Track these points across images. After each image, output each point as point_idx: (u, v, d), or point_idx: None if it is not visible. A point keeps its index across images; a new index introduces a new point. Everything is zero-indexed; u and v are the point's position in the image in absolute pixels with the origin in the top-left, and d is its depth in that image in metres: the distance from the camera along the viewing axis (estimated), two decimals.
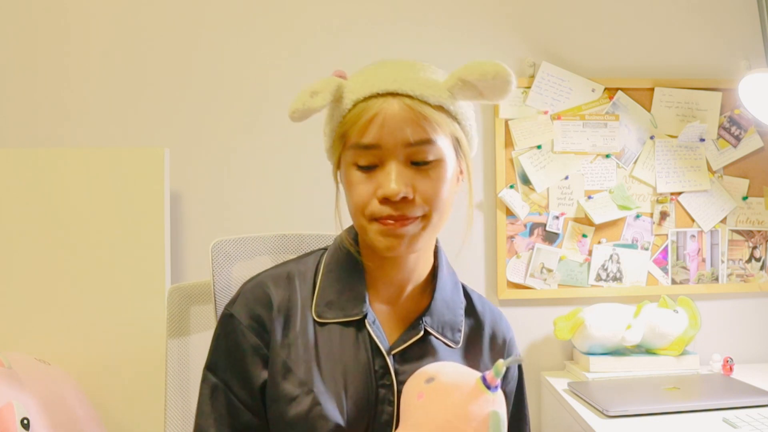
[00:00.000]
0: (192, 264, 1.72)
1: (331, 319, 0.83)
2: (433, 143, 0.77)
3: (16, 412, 1.17)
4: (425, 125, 0.77)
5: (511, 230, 1.79)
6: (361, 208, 0.79)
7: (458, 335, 0.88)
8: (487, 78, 0.77)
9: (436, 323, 0.86)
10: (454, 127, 0.81)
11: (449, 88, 0.79)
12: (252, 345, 0.82)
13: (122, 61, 1.72)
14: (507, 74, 0.77)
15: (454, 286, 0.92)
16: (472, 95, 0.80)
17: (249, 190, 1.74)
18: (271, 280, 0.86)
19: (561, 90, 1.79)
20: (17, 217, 1.54)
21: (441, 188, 0.80)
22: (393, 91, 0.77)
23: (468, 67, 0.78)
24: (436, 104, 0.78)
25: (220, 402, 0.82)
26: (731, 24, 1.84)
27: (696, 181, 1.82)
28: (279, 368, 0.80)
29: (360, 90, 0.78)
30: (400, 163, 0.77)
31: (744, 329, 1.84)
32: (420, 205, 0.78)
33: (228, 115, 1.74)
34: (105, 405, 1.50)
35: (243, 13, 1.75)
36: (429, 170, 0.78)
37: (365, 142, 0.77)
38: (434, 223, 0.81)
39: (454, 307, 0.89)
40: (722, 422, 1.30)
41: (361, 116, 0.77)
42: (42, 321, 1.53)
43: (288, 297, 0.84)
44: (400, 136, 0.76)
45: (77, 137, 1.71)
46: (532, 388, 1.80)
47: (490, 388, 0.73)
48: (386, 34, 1.77)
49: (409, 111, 0.76)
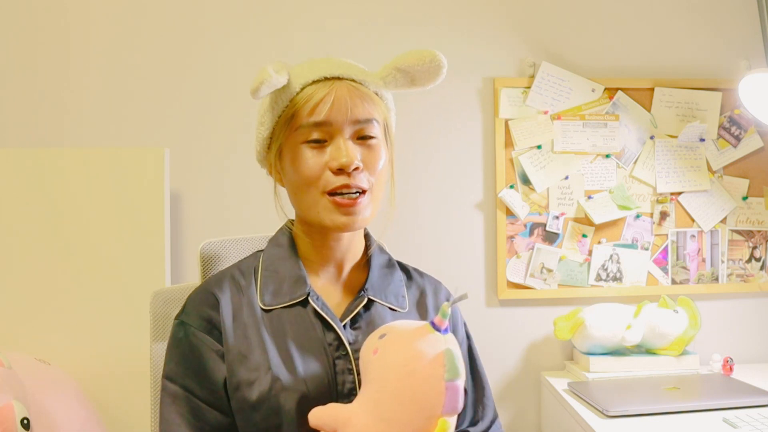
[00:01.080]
0: (192, 264, 1.72)
1: (277, 305, 0.87)
2: (375, 123, 0.86)
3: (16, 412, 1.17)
4: (368, 105, 0.86)
5: (511, 230, 1.79)
6: (313, 181, 0.84)
7: (403, 301, 0.93)
8: (425, 63, 0.86)
9: (378, 291, 0.91)
10: (386, 113, 0.90)
11: (383, 77, 0.89)
12: (206, 344, 0.85)
13: (122, 61, 1.72)
14: (441, 59, 0.86)
15: (388, 261, 0.97)
16: (403, 82, 0.89)
17: (249, 190, 1.73)
18: (214, 284, 0.90)
19: (561, 90, 1.79)
20: (17, 217, 1.54)
21: (380, 163, 0.87)
22: (339, 75, 0.86)
23: (403, 55, 0.87)
24: (373, 90, 0.88)
25: (183, 408, 0.83)
26: (731, 24, 1.84)
27: (696, 181, 1.82)
28: (234, 357, 0.83)
29: (308, 75, 0.86)
30: (346, 138, 0.84)
31: (744, 329, 1.84)
32: (366, 176, 0.85)
33: (228, 115, 1.74)
34: (105, 405, 1.50)
35: (242, 13, 1.75)
36: (371, 146, 0.86)
37: (317, 119, 0.83)
38: (376, 195, 0.88)
39: (392, 278, 0.95)
40: (722, 422, 1.30)
41: (313, 96, 0.84)
42: (42, 321, 1.53)
43: (233, 294, 0.89)
44: (348, 114, 0.84)
45: (77, 137, 1.71)
46: (532, 388, 1.80)
47: (439, 330, 0.75)
48: (386, 34, 1.77)
49: (355, 92, 0.85)
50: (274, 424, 0.81)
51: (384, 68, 0.89)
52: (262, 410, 0.81)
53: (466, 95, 1.79)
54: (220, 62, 1.74)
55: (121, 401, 1.52)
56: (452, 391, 0.70)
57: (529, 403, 1.80)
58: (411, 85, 0.89)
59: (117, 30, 1.72)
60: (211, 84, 1.73)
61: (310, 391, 0.81)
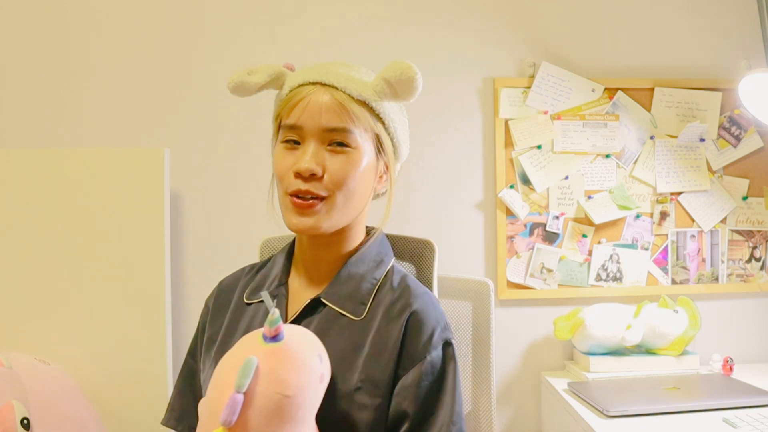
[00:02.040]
0: (192, 264, 1.72)
1: (254, 300, 0.95)
2: (349, 132, 0.85)
3: (16, 412, 1.17)
4: (342, 114, 0.85)
5: (511, 230, 1.79)
6: (281, 180, 0.88)
7: (361, 308, 0.88)
8: (399, 75, 0.84)
9: (335, 295, 0.90)
10: (374, 124, 0.88)
11: (374, 87, 0.87)
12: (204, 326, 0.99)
13: (122, 61, 1.72)
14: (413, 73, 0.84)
15: (374, 265, 0.93)
16: (391, 93, 0.87)
17: (249, 190, 1.73)
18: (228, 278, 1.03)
19: (561, 90, 1.79)
20: (17, 217, 1.54)
21: (350, 173, 0.86)
22: (321, 81, 0.86)
23: (387, 65, 0.86)
24: (358, 98, 0.86)
25: (185, 372, 0.99)
26: (731, 24, 1.84)
27: (696, 181, 1.82)
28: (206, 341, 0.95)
29: (295, 79, 0.89)
30: (317, 144, 0.85)
31: (744, 329, 1.84)
32: (326, 184, 0.85)
33: (228, 115, 1.74)
34: (105, 405, 1.50)
35: (243, 13, 1.75)
36: (342, 154, 0.86)
37: (290, 122, 0.86)
38: (338, 204, 0.86)
39: (361, 281, 0.91)
40: (722, 422, 1.30)
41: (291, 100, 0.87)
42: (42, 321, 1.53)
43: (230, 287, 1.00)
44: (319, 121, 0.85)
45: (77, 137, 1.71)
46: (532, 388, 1.80)
47: (266, 338, 0.74)
48: (386, 34, 1.77)
49: (331, 99, 0.85)
50: None
51: (375, 78, 0.88)
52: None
53: (466, 95, 1.79)
54: (220, 62, 1.74)
55: (121, 401, 1.52)
56: (231, 402, 0.69)
57: (529, 403, 1.80)
58: (395, 96, 0.87)
59: (117, 30, 1.72)
60: (212, 84, 1.73)
61: None
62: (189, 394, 0.97)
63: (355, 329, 0.87)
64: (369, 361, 0.84)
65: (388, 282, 0.92)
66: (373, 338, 0.86)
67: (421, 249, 1.08)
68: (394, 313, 0.88)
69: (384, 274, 0.93)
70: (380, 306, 0.89)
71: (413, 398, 0.83)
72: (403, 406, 0.83)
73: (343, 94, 0.86)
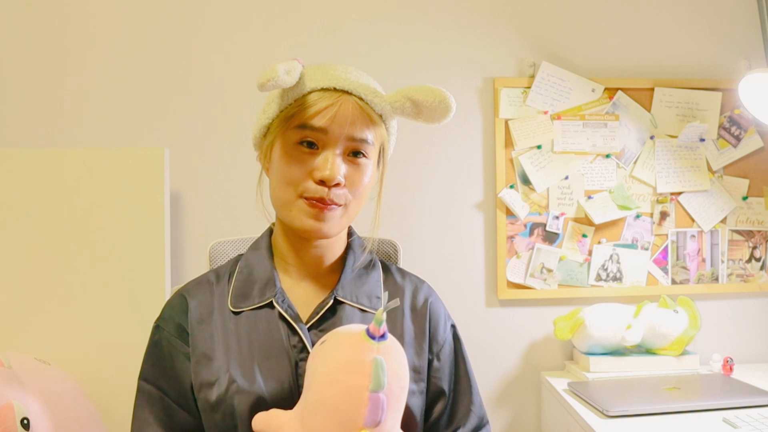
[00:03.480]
0: (192, 264, 1.72)
1: (245, 307, 0.89)
2: (370, 144, 0.87)
3: (16, 412, 1.17)
4: (368, 126, 0.87)
5: (511, 230, 1.79)
6: (294, 183, 0.86)
7: (377, 302, 0.92)
8: (435, 102, 0.88)
9: (349, 292, 0.91)
10: (384, 137, 0.91)
11: (392, 102, 0.89)
12: (177, 347, 0.89)
13: (122, 61, 1.72)
14: (450, 104, 0.88)
15: (369, 263, 0.97)
16: (410, 113, 0.90)
17: (249, 190, 1.72)
18: (188, 289, 0.94)
19: (561, 90, 1.79)
20: (17, 217, 1.54)
21: (364, 183, 0.89)
22: (348, 90, 0.86)
23: (418, 88, 0.88)
24: (379, 112, 0.88)
25: (156, 407, 0.87)
26: (731, 24, 1.84)
27: (696, 181, 1.82)
28: (198, 359, 0.86)
29: (321, 80, 0.87)
30: (338, 153, 0.85)
31: (744, 329, 1.84)
32: (345, 193, 0.87)
33: (228, 115, 1.74)
34: (105, 405, 1.50)
35: (242, 13, 1.75)
36: (359, 165, 0.87)
37: (316, 124, 0.84)
38: (351, 211, 0.89)
39: (368, 278, 0.95)
40: (722, 422, 1.30)
41: (318, 102, 0.85)
42: (42, 321, 1.53)
43: (204, 299, 0.91)
44: (347, 129, 0.85)
45: (77, 137, 1.71)
46: (532, 388, 1.80)
47: (374, 338, 0.74)
48: (386, 34, 1.77)
49: (359, 110, 0.86)
50: (230, 425, 0.82)
51: (396, 94, 0.89)
52: (219, 411, 0.82)
53: (466, 95, 1.79)
54: (220, 62, 1.74)
55: (121, 401, 1.52)
56: (374, 402, 0.69)
57: (529, 403, 1.80)
58: (417, 116, 0.91)
59: (117, 30, 1.72)
60: (211, 84, 1.73)
61: (267, 393, 0.82)
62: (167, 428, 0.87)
63: None
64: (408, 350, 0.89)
65: (390, 275, 0.98)
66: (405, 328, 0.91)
67: (386, 249, 1.14)
68: (416, 303, 0.95)
69: (382, 269, 0.98)
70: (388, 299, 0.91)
71: (447, 378, 0.94)
72: (440, 385, 0.93)
73: (368, 106, 0.87)
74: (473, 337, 1.73)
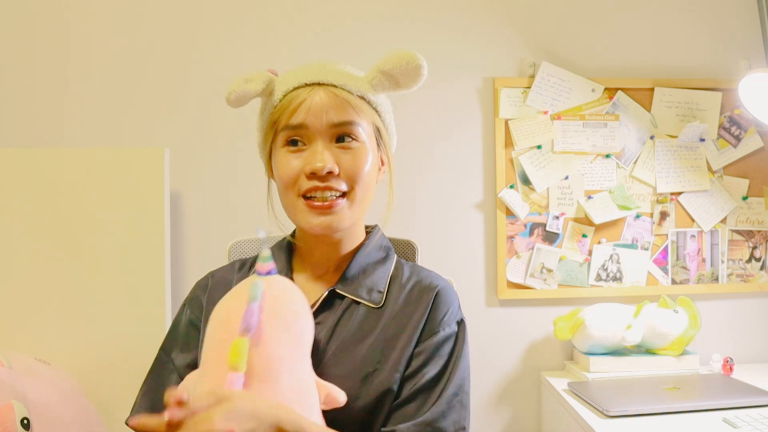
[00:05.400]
0: (192, 264, 1.72)
1: None
2: (356, 125, 0.86)
3: (16, 412, 1.17)
4: (348, 109, 0.86)
5: (511, 230, 1.78)
6: (290, 184, 0.87)
7: (378, 296, 0.90)
8: (402, 65, 0.87)
9: (349, 285, 0.91)
10: (374, 116, 0.90)
11: (369, 80, 0.89)
12: (191, 319, 0.93)
13: (122, 61, 1.72)
14: (419, 61, 0.87)
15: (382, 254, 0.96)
16: (390, 85, 0.89)
17: (249, 190, 1.73)
18: (216, 271, 1.00)
19: (561, 90, 1.79)
20: (17, 217, 1.54)
21: (363, 167, 0.87)
22: (318, 81, 0.87)
23: (385, 57, 0.88)
24: (357, 94, 0.88)
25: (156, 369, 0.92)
26: (731, 24, 1.84)
27: (696, 181, 1.82)
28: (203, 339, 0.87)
29: (289, 82, 0.88)
30: (325, 142, 0.86)
31: (744, 329, 1.84)
32: (344, 179, 0.86)
33: (228, 115, 1.73)
34: (105, 405, 1.50)
35: (242, 12, 1.75)
36: (352, 150, 0.87)
37: (294, 122, 0.85)
38: (358, 198, 0.88)
39: (373, 271, 0.93)
40: (722, 422, 1.30)
41: (291, 103, 0.86)
42: (42, 321, 1.53)
43: (224, 280, 0.96)
44: (325, 119, 0.85)
45: (77, 137, 1.71)
46: (532, 388, 1.80)
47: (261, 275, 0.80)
48: (386, 34, 1.77)
49: (333, 97, 0.86)
50: None
51: (370, 71, 0.89)
52: None
53: (466, 95, 1.79)
54: (220, 62, 1.74)
55: (121, 401, 1.52)
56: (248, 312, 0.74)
57: (529, 403, 1.80)
58: (396, 87, 0.90)
59: (117, 30, 1.72)
60: (211, 84, 1.73)
61: None
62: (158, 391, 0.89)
63: (373, 317, 0.89)
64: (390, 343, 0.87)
65: (400, 272, 0.95)
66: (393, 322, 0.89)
67: (403, 249, 1.14)
68: (415, 294, 0.91)
69: (394, 265, 0.96)
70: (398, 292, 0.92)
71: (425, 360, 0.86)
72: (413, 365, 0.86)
73: (343, 90, 0.87)
74: (473, 338, 1.72)
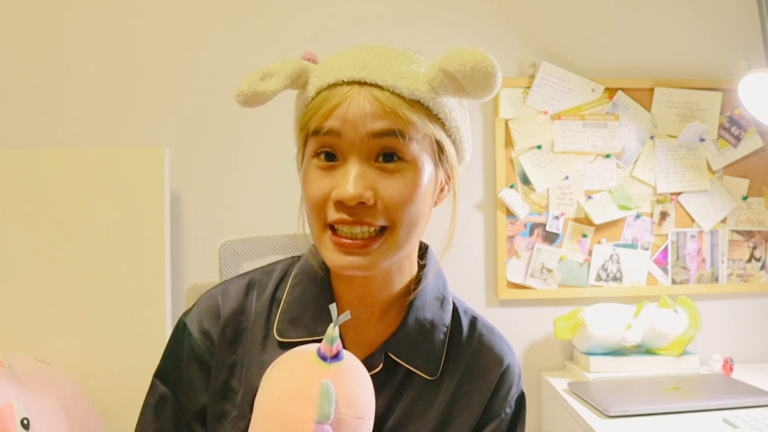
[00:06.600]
0: (192, 264, 1.72)
1: (294, 338, 0.74)
2: (403, 139, 0.65)
3: (16, 412, 1.17)
4: (394, 117, 0.65)
5: (511, 230, 1.78)
6: (315, 211, 0.68)
7: (434, 366, 0.75)
8: (467, 68, 0.65)
9: (404, 349, 0.74)
10: (433, 128, 0.68)
11: (429, 80, 0.67)
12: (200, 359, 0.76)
13: (122, 61, 1.72)
14: (490, 65, 0.65)
15: (439, 303, 0.78)
16: (454, 89, 0.67)
17: (249, 190, 1.74)
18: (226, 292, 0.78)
19: (561, 90, 1.79)
20: (17, 217, 1.54)
21: (411, 195, 0.67)
22: (360, 79, 0.66)
23: (449, 55, 0.66)
24: (411, 98, 0.66)
25: (165, 414, 0.75)
26: (731, 24, 1.84)
27: (696, 181, 1.82)
28: (219, 387, 0.74)
29: (324, 77, 0.68)
30: (363, 160, 0.66)
31: (744, 329, 1.84)
32: (382, 212, 0.66)
33: (228, 115, 1.74)
34: (105, 405, 1.50)
35: (242, 12, 1.75)
36: (397, 172, 0.66)
37: (324, 128, 0.66)
38: (401, 239, 0.68)
39: (432, 331, 0.76)
40: (722, 422, 1.30)
41: (322, 106, 0.66)
42: (42, 321, 1.53)
43: (240, 309, 0.77)
44: (362, 128, 0.64)
45: (77, 137, 1.71)
46: (532, 388, 1.80)
47: (326, 359, 0.64)
48: (386, 34, 1.77)
49: (376, 104, 0.65)
50: None
51: (431, 68, 0.67)
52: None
53: None
54: (220, 62, 1.74)
55: (121, 401, 1.52)
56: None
57: (529, 403, 1.80)
58: (462, 93, 0.68)
59: (117, 29, 1.72)
60: (212, 84, 1.73)
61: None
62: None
63: (429, 390, 0.75)
64: (448, 423, 0.74)
65: (457, 327, 0.79)
66: (452, 398, 0.75)
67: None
68: (478, 368, 0.77)
69: (451, 317, 0.79)
70: (456, 358, 0.77)
71: None
72: None
73: (392, 94, 0.65)
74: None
